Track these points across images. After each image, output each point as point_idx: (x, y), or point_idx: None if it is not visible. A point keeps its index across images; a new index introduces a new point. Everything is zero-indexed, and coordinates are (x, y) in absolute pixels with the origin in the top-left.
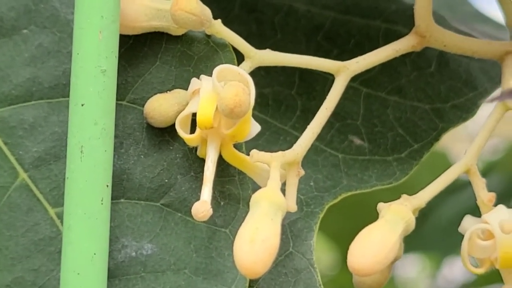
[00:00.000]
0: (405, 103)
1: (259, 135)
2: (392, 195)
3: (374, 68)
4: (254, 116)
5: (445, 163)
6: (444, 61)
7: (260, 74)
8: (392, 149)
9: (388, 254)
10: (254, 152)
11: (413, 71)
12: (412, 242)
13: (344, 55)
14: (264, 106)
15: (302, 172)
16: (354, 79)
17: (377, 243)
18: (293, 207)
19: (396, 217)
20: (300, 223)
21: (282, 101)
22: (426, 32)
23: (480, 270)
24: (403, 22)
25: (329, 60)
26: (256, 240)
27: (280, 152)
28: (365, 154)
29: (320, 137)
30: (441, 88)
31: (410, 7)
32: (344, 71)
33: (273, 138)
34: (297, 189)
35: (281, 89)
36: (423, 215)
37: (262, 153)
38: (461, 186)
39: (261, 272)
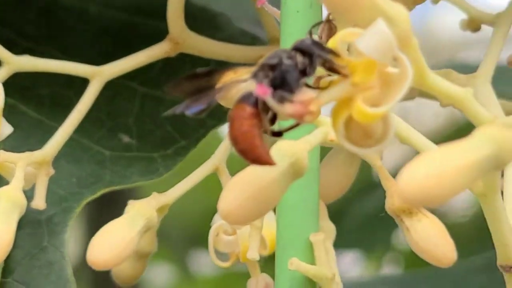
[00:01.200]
0: (179, 102)
1: (30, 134)
2: None
3: (154, 67)
4: (29, 116)
5: None
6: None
7: (40, 75)
8: (159, 146)
9: (126, 249)
10: (1, 152)
11: (192, 69)
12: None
13: None
14: (40, 106)
15: (52, 172)
16: (132, 78)
17: (114, 238)
18: (41, 205)
19: (137, 214)
20: (57, 218)
21: (60, 102)
22: (179, 38)
23: (227, 264)
24: None
25: (84, 65)
26: None
27: (27, 152)
28: (132, 151)
29: (90, 135)
30: None
31: (201, 9)
32: (99, 75)
33: (46, 138)
34: (59, 185)
35: (60, 89)
36: (339, 212)
37: (9, 153)
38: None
39: None
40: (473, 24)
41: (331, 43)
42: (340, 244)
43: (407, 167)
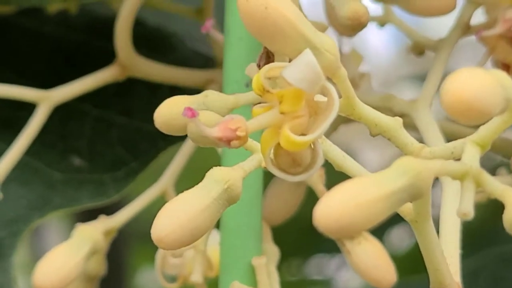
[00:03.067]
0: (131, 123)
1: None
2: None
3: (108, 89)
4: None
5: None
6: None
7: None
8: (110, 168)
9: (70, 273)
10: None
11: (146, 92)
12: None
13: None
14: None
15: (0, 195)
16: (83, 100)
17: (59, 262)
18: None
19: (82, 238)
20: (6, 240)
21: (12, 123)
22: (127, 63)
23: (175, 285)
24: None
25: (32, 89)
26: None
27: None
28: (83, 173)
29: (41, 157)
30: None
31: (155, 30)
32: (47, 100)
33: None
34: (9, 207)
35: (13, 111)
36: None
37: None
38: None
39: None
40: (417, 49)
41: (255, 80)
42: (331, 247)
43: (322, 198)
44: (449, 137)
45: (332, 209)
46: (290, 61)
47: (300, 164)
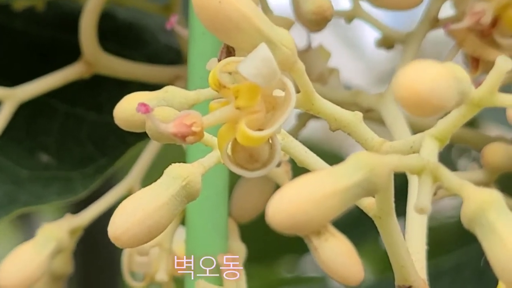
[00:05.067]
0: (100, 118)
1: None
2: None
3: (76, 84)
4: None
5: None
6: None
7: None
8: (78, 164)
9: (35, 272)
10: None
11: (116, 87)
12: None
13: None
14: None
15: None
16: (52, 95)
17: (23, 261)
18: None
19: (47, 237)
20: None
21: None
22: (93, 60)
23: (141, 284)
24: None
25: None
26: None
27: None
28: (51, 169)
29: (8, 154)
30: None
31: (128, 25)
32: (12, 98)
33: None
34: None
35: None
36: None
37: None
38: None
39: None
40: (387, 42)
41: (211, 75)
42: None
43: (275, 193)
44: (418, 132)
45: (285, 205)
46: None
47: (257, 160)
